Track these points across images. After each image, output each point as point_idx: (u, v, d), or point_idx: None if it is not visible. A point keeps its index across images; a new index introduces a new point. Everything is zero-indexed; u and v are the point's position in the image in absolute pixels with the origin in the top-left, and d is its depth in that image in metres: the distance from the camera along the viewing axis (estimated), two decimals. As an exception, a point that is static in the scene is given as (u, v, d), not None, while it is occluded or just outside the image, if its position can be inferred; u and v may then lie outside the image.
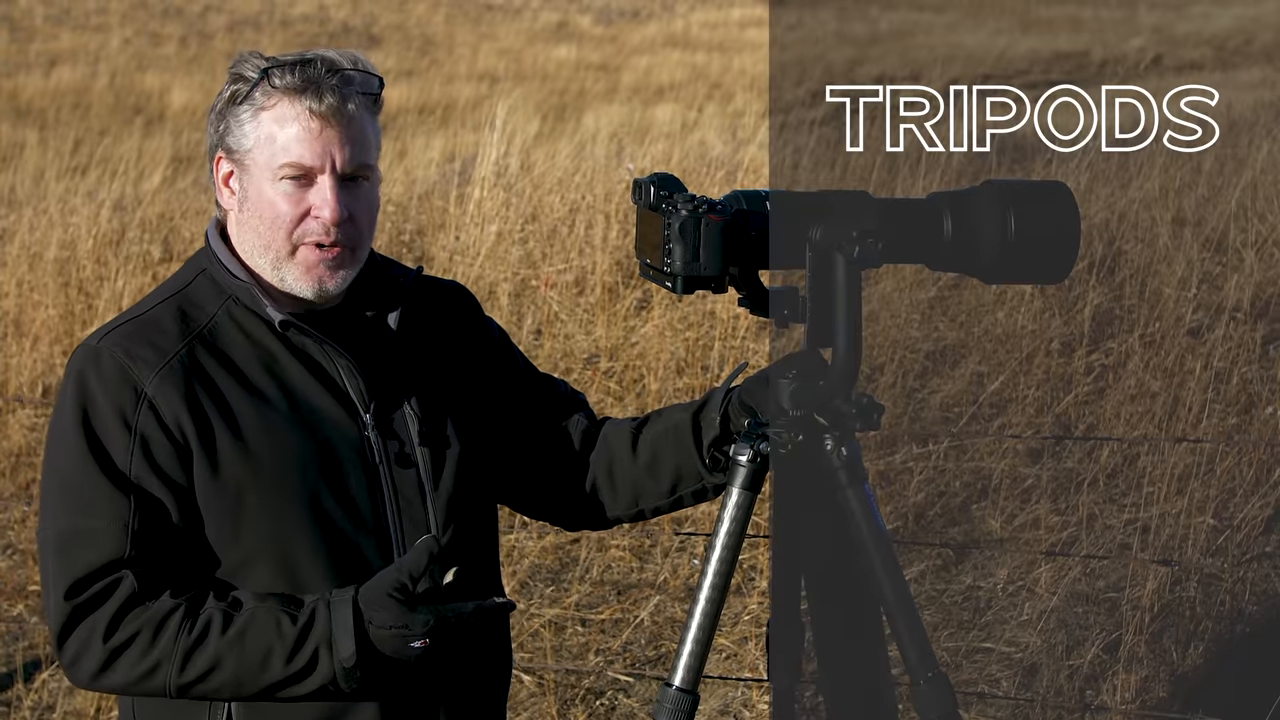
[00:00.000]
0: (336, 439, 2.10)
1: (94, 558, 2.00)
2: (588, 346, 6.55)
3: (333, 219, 2.07)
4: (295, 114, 2.06)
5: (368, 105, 2.12)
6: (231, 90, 2.10)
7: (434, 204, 7.98)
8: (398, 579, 1.99)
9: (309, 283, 2.10)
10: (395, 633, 1.97)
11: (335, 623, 1.99)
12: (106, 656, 2.00)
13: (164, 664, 1.99)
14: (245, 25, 25.35)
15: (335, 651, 1.98)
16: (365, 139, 2.10)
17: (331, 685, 2.00)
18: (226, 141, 2.11)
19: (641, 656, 4.77)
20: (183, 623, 2.00)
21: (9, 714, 4.57)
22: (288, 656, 1.99)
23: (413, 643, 1.97)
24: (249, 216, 2.10)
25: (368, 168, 2.11)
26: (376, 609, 1.98)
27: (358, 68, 2.11)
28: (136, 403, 2.03)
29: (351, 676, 1.99)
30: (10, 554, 5.53)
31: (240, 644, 1.99)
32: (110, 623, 2.00)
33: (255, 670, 2.00)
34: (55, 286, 7.18)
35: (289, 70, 2.07)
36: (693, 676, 2.14)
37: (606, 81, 20.84)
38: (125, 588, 2.00)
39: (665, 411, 2.36)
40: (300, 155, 2.06)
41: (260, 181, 2.08)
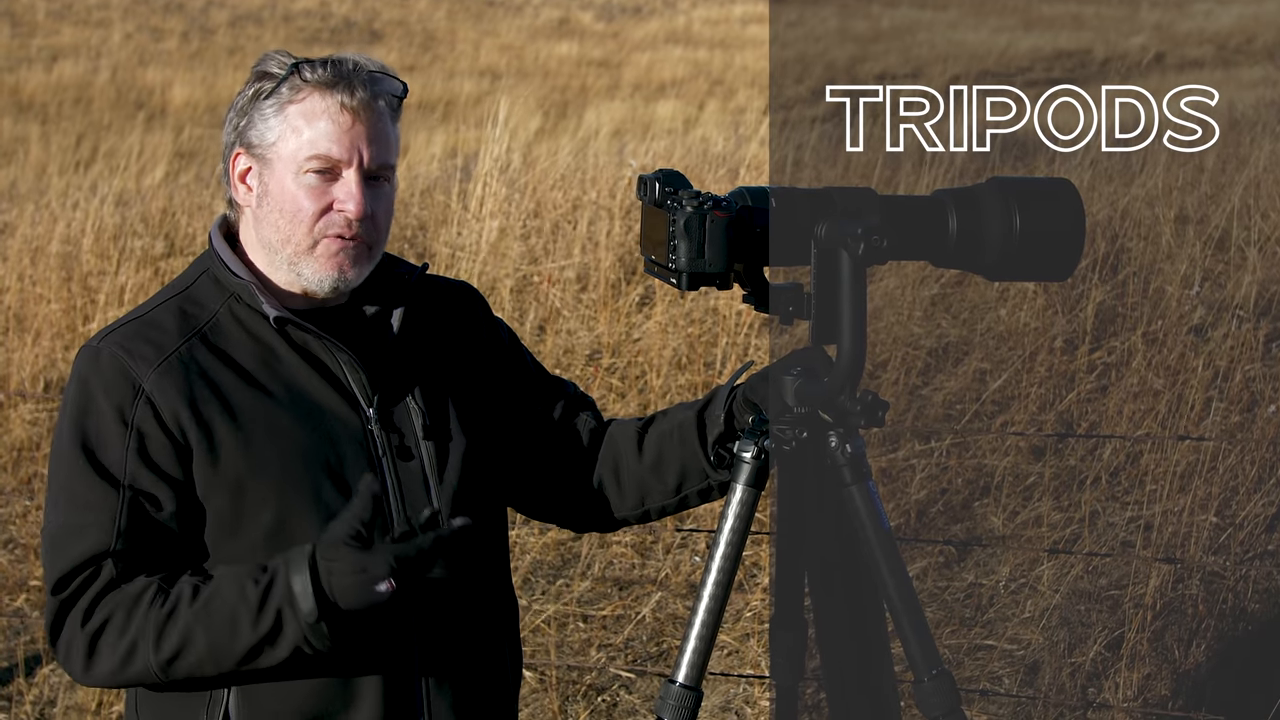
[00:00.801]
0: (339, 433, 2.10)
1: (78, 550, 2.01)
2: (590, 343, 6.55)
3: (357, 213, 2.07)
4: (325, 107, 2.07)
5: (393, 106, 2.13)
6: (256, 87, 2.10)
7: (436, 200, 7.97)
8: (350, 526, 1.94)
9: (330, 271, 2.10)
10: (357, 579, 1.92)
11: (294, 579, 1.95)
12: (88, 643, 2.00)
13: (140, 642, 1.98)
14: (247, 20, 25.34)
15: (297, 610, 1.94)
16: (389, 139, 2.12)
17: (305, 646, 1.96)
18: (248, 136, 2.11)
19: (643, 653, 4.77)
20: (154, 598, 1.99)
21: (10, 708, 4.57)
22: (254, 619, 1.96)
23: (377, 586, 1.91)
24: (268, 212, 2.10)
25: (389, 168, 2.12)
26: (333, 559, 1.93)
27: (385, 71, 2.13)
28: (134, 399, 2.03)
29: (319, 633, 1.95)
30: (11, 548, 5.53)
31: (207, 611, 1.98)
32: (87, 610, 2.00)
33: (226, 637, 1.97)
34: (57, 281, 7.18)
35: (320, 66, 2.09)
36: (696, 673, 2.14)
37: (608, 78, 20.83)
38: (104, 575, 2.00)
39: (670, 411, 2.36)
40: (329, 148, 2.07)
41: (283, 175, 2.08)
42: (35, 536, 5.44)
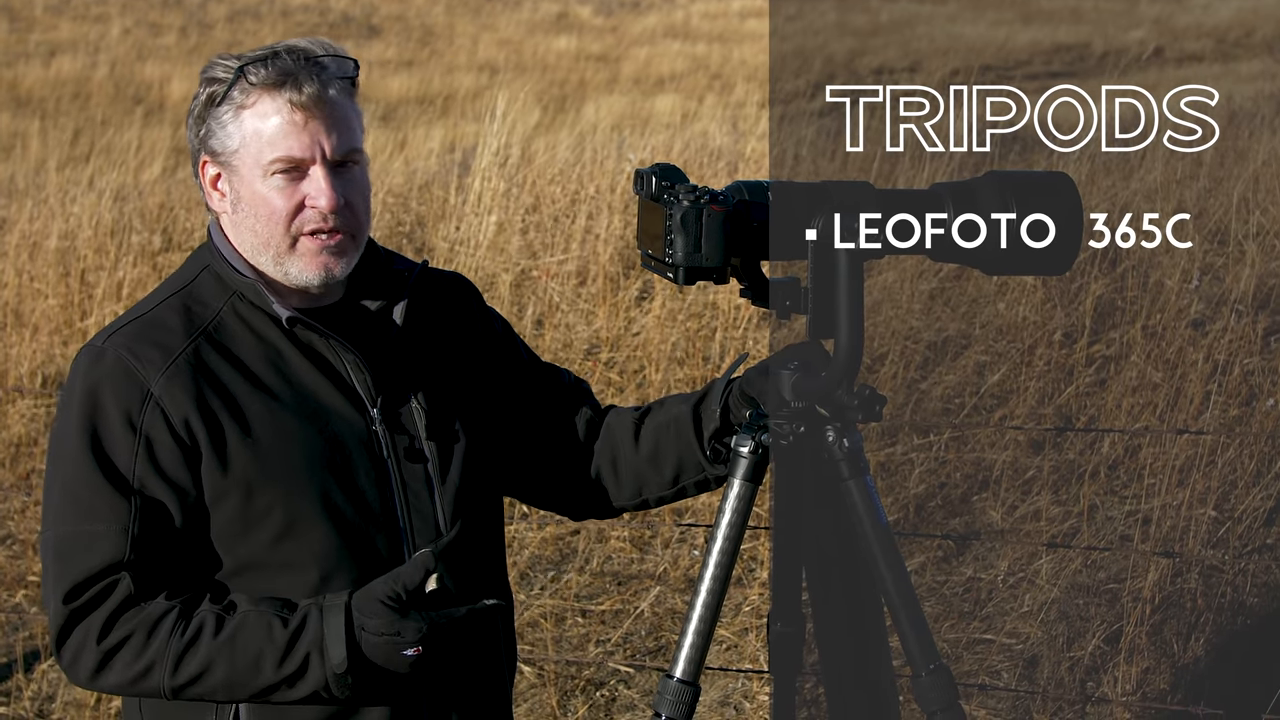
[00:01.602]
0: (345, 434, 2.09)
1: (93, 562, 2.00)
2: (589, 337, 6.54)
3: (329, 206, 2.06)
4: (277, 108, 2.04)
5: (346, 89, 2.10)
6: (208, 93, 2.08)
7: (434, 194, 7.96)
8: (391, 588, 1.97)
9: (315, 270, 2.09)
10: (387, 640, 1.96)
11: (327, 628, 1.98)
12: (101, 658, 2.00)
13: (157, 666, 1.99)
14: (245, 15, 25.31)
15: (327, 658, 1.97)
16: (350, 124, 2.09)
17: (324, 691, 1.99)
18: (210, 145, 2.09)
19: (642, 647, 4.76)
20: (175, 625, 1.99)
21: (9, 704, 4.57)
22: (279, 660, 1.98)
23: (405, 650, 1.96)
24: (244, 217, 2.09)
25: (356, 151, 2.10)
26: (369, 615, 1.97)
27: (331, 53, 2.09)
28: (143, 403, 2.02)
29: (343, 683, 1.98)
30: (10, 544, 5.53)
31: (231, 647, 1.99)
32: (104, 625, 1.99)
33: (247, 674, 1.99)
34: (55, 276, 7.17)
35: (263, 65, 2.05)
36: (694, 668, 2.14)
37: (607, 72, 20.82)
38: (121, 590, 2.00)
39: (667, 401, 2.35)
40: (289, 148, 2.05)
41: (251, 180, 2.07)
42: (33, 533, 5.43)
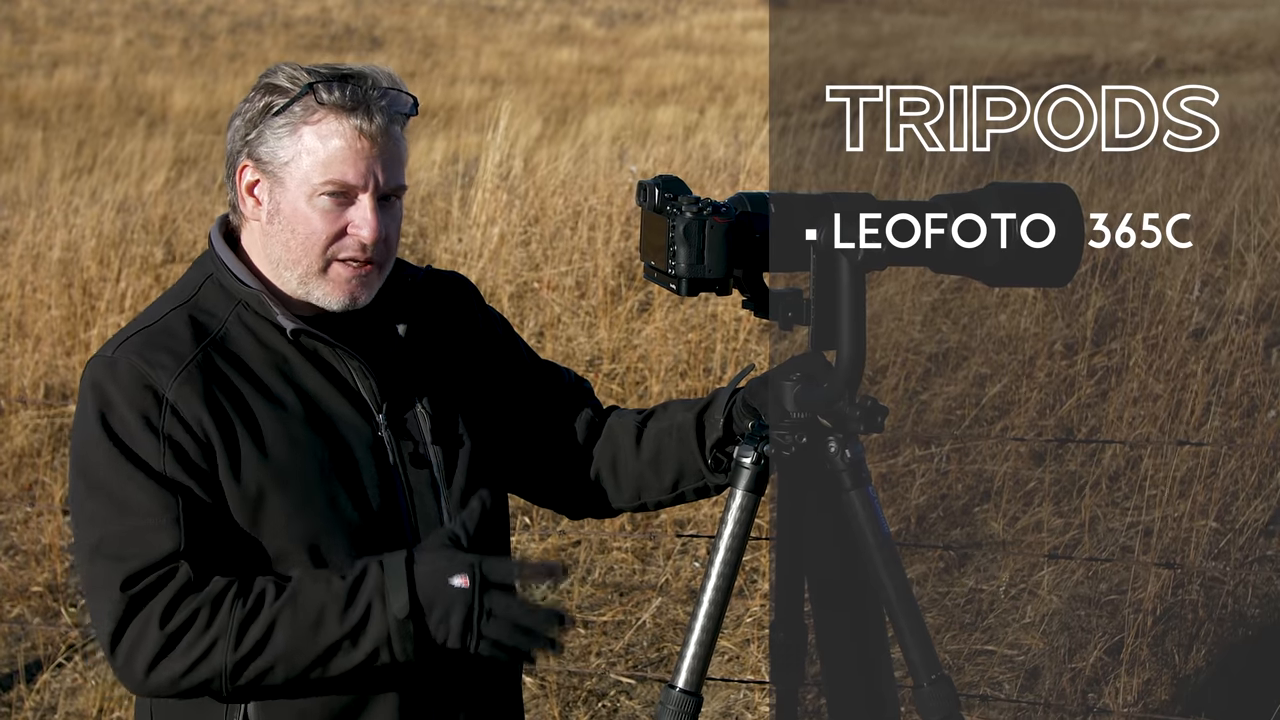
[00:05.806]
0: (352, 441, 2.10)
1: (150, 553, 1.98)
2: (590, 349, 6.55)
3: (372, 238, 2.07)
4: (342, 131, 2.05)
5: (403, 124, 2.12)
6: (266, 101, 2.07)
7: (436, 206, 7.97)
8: (451, 529, 2.02)
9: (341, 296, 2.10)
10: (437, 567, 1.97)
11: (388, 574, 1.97)
12: (163, 643, 1.97)
13: (220, 641, 1.97)
14: (247, 27, 25.36)
15: (388, 604, 1.96)
16: (402, 160, 2.11)
17: (386, 648, 1.97)
18: (257, 151, 2.08)
19: (643, 658, 4.77)
20: (236, 598, 1.98)
21: (11, 715, 4.57)
22: (341, 612, 1.97)
23: (453, 578, 1.96)
24: (278, 230, 2.09)
25: (402, 188, 2.12)
26: (424, 552, 2.00)
27: (397, 87, 2.11)
28: (160, 407, 2.02)
29: (404, 632, 1.96)
30: (13, 555, 5.53)
31: (293, 605, 1.97)
32: (166, 609, 1.97)
33: (309, 634, 1.97)
34: (58, 287, 7.18)
35: (336, 86, 2.05)
36: (696, 679, 2.14)
37: (609, 84, 20.85)
38: (181, 576, 1.98)
39: (670, 406, 2.36)
40: (344, 173, 2.05)
41: (295, 196, 2.07)
42: (36, 543, 5.44)
